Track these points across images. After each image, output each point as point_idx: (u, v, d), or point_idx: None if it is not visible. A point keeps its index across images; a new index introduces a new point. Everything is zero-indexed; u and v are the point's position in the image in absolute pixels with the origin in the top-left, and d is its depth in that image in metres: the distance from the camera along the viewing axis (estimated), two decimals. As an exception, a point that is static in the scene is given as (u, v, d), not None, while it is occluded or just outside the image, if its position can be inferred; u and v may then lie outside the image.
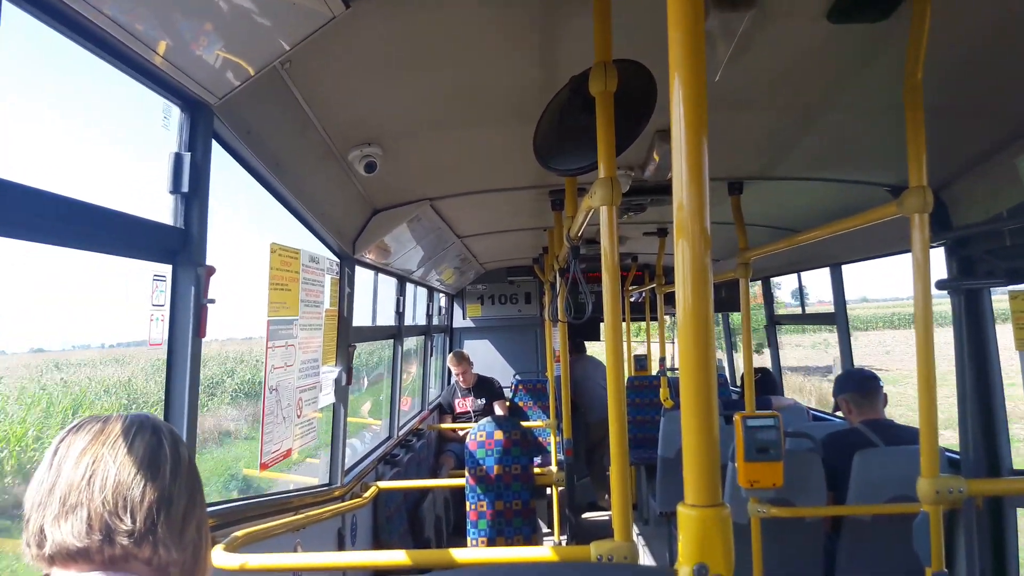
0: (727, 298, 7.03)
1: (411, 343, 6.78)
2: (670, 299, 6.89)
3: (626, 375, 7.77)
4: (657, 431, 5.26)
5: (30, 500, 1.01)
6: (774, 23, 1.99)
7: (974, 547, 3.14)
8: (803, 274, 5.91)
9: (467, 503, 4.63)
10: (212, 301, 2.11)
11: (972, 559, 3.14)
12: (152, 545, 0.99)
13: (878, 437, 3.40)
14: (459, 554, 2.43)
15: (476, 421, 5.30)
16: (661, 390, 6.01)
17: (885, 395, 3.62)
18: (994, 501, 3.11)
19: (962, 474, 3.07)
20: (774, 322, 6.49)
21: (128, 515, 0.98)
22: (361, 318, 4.40)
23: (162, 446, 1.06)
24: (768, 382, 5.85)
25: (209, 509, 1.32)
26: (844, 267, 4.81)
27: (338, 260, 3.59)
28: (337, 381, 3.65)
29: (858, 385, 3.64)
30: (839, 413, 3.92)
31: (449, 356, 6.96)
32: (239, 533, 2.44)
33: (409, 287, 5.76)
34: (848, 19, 1.92)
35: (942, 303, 3.33)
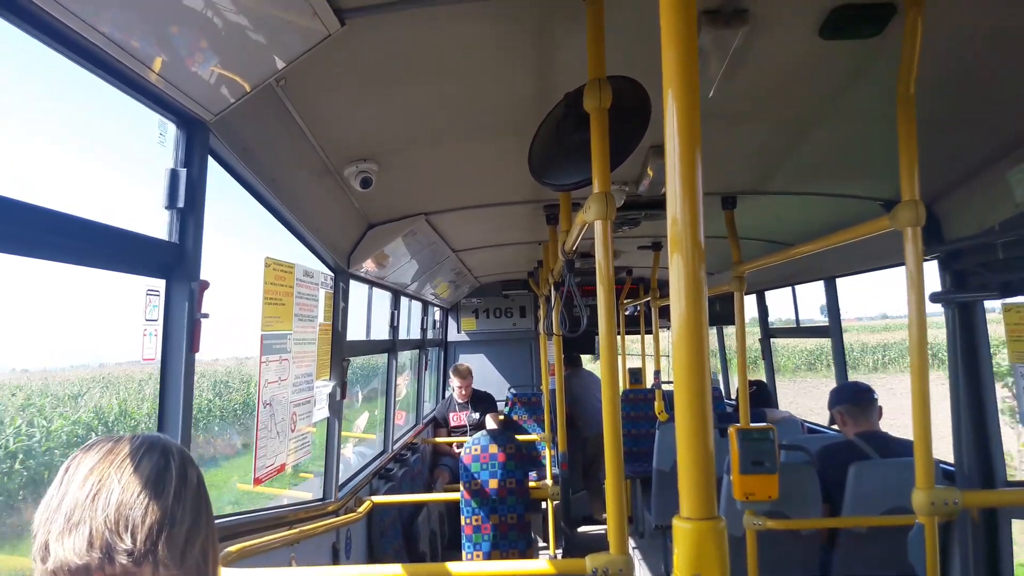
0: (722, 312, 7.05)
1: (405, 357, 6.77)
2: (665, 312, 6.89)
3: (621, 388, 7.76)
4: (652, 444, 5.25)
5: (39, 516, 1.02)
6: (766, 39, 2.01)
7: (969, 558, 3.14)
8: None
9: (462, 517, 4.60)
10: (206, 316, 2.11)
11: (967, 570, 3.14)
12: (152, 565, 1.00)
13: (873, 449, 3.40)
14: (454, 568, 2.41)
15: (471, 435, 5.29)
16: (656, 403, 6.01)
17: (880, 407, 3.62)
18: (989, 512, 3.11)
19: (957, 486, 3.07)
20: (768, 335, 6.50)
21: (128, 534, 0.99)
22: (355, 332, 4.39)
23: (169, 468, 1.07)
24: (763, 395, 5.85)
25: None
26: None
27: (333, 274, 3.59)
28: (331, 396, 3.64)
29: (853, 397, 3.64)
30: (835, 426, 3.92)
31: (452, 368, 6.95)
32: (233, 548, 2.42)
33: (404, 301, 5.76)
34: (840, 35, 1.95)
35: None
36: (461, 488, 4.61)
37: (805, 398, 17.99)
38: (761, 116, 2.69)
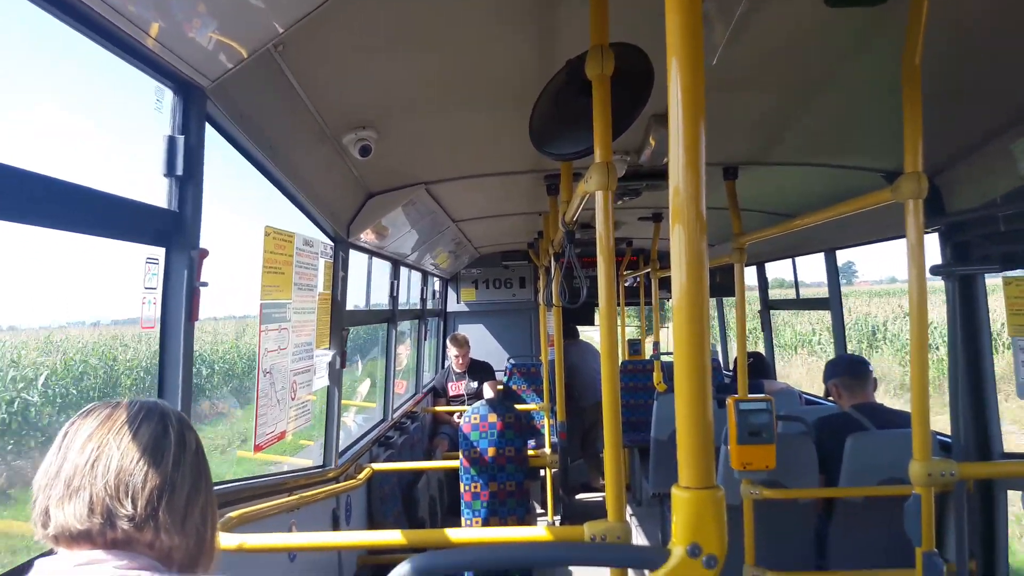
0: (722, 283, 7.05)
1: (404, 327, 6.79)
2: (665, 284, 6.89)
3: (620, 359, 7.79)
4: (650, 414, 5.28)
5: (38, 481, 1.03)
6: (772, 5, 1.97)
7: (964, 528, 3.18)
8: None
9: (461, 484, 4.65)
10: (205, 284, 2.11)
11: (962, 540, 3.18)
12: (153, 530, 1.01)
13: (869, 421, 3.42)
14: (453, 534, 2.44)
15: (469, 404, 5.32)
16: (655, 374, 6.04)
17: (875, 379, 3.64)
18: (985, 484, 3.14)
19: (953, 457, 3.10)
20: (768, 307, 6.51)
21: (129, 500, 1.00)
22: (355, 301, 4.40)
23: (167, 433, 1.08)
24: (761, 366, 5.88)
25: None
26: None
27: (332, 243, 3.58)
28: (331, 364, 3.65)
29: (848, 369, 3.66)
30: (831, 398, 3.95)
31: (449, 337, 6.98)
32: (233, 514, 2.45)
33: (403, 271, 5.76)
34: (845, 2, 1.92)
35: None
36: (460, 456, 4.65)
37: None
38: (764, 84, 2.66)
